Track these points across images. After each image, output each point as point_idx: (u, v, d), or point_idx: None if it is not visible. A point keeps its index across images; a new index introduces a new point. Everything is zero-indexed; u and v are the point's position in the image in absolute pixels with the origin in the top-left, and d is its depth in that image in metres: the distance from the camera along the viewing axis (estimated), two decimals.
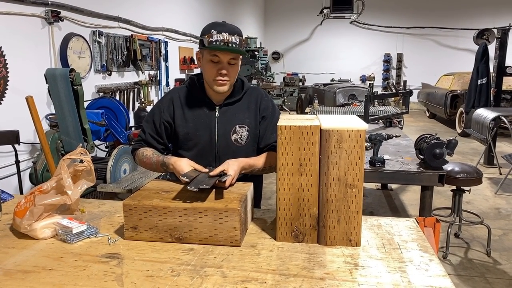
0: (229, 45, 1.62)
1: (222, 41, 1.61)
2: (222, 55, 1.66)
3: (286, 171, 1.35)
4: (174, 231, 1.38)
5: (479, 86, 6.45)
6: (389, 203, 4.80)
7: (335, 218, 1.35)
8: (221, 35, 1.61)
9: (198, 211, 1.36)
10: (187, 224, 1.37)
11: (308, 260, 1.27)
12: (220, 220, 1.35)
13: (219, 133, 1.79)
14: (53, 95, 2.66)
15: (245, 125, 1.80)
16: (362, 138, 1.29)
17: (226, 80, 1.71)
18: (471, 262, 3.32)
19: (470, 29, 12.61)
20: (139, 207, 1.39)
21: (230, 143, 1.79)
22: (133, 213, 1.40)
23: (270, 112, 1.86)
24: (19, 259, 1.29)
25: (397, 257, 1.29)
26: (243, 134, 1.80)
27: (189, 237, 1.38)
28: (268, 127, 1.84)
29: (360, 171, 1.32)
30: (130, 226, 1.41)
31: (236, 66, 1.73)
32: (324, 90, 9.54)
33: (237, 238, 1.35)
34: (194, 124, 1.79)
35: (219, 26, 1.65)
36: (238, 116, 1.80)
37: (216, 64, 1.68)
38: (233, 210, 1.34)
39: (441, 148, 2.95)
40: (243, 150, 1.80)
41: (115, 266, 1.24)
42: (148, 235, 1.40)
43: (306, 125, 1.32)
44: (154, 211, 1.39)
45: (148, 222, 1.39)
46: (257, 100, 1.84)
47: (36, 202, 1.44)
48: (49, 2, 3.63)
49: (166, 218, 1.38)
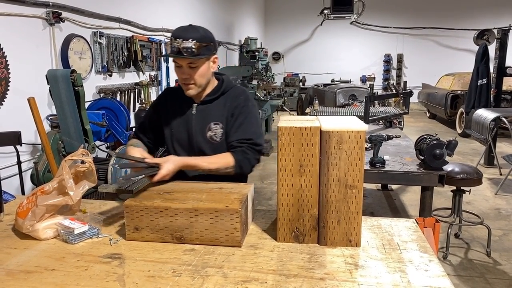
0: (182, 51, 1.66)
1: (177, 47, 1.66)
2: (180, 60, 1.72)
3: (287, 172, 1.36)
4: (175, 231, 1.39)
5: (479, 86, 6.46)
6: (390, 203, 4.80)
7: (335, 219, 1.36)
8: (176, 41, 1.66)
9: (199, 212, 1.37)
10: (188, 225, 1.38)
11: (308, 261, 1.28)
12: (221, 221, 1.36)
13: (195, 130, 1.84)
14: (54, 96, 2.67)
15: (220, 122, 1.83)
16: (362, 139, 1.30)
17: (190, 83, 1.76)
18: (471, 263, 3.33)
19: (470, 29, 12.60)
20: (141, 207, 1.40)
21: (206, 139, 1.84)
22: (135, 213, 1.41)
23: (239, 111, 1.84)
24: (22, 260, 1.30)
25: (397, 257, 1.30)
26: (218, 132, 1.83)
27: (190, 237, 1.39)
28: (233, 125, 1.84)
29: (360, 172, 1.33)
30: (132, 226, 1.42)
31: (197, 69, 1.74)
32: (325, 90, 9.55)
33: (238, 239, 1.36)
34: (175, 122, 1.88)
35: (180, 31, 1.69)
36: (213, 113, 1.84)
37: (179, 69, 1.75)
38: (234, 211, 1.35)
39: (441, 149, 2.96)
40: (219, 147, 1.83)
41: (117, 267, 1.25)
42: (149, 235, 1.41)
43: (306, 126, 1.33)
44: (156, 212, 1.39)
45: (149, 223, 1.40)
46: (234, 100, 1.86)
47: (38, 203, 1.45)
48: (50, 3, 3.64)
49: (167, 218, 1.39)
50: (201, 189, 1.56)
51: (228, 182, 1.65)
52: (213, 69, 1.82)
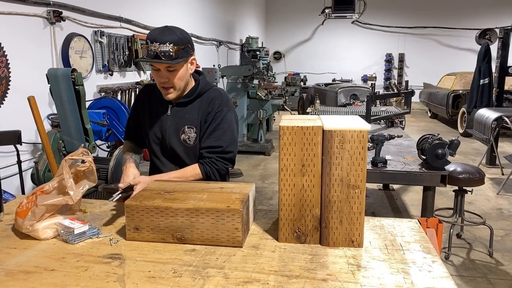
0: (160, 55, 1.61)
1: (154, 51, 1.62)
2: (158, 64, 1.68)
3: (289, 172, 1.35)
4: (176, 231, 1.38)
5: (481, 86, 6.43)
6: (391, 203, 4.79)
7: (338, 219, 1.35)
8: (153, 45, 1.62)
9: (200, 212, 1.36)
10: (189, 225, 1.37)
11: (310, 261, 1.26)
12: (222, 221, 1.35)
13: (169, 132, 1.83)
14: (54, 95, 2.66)
15: (194, 126, 1.82)
16: (364, 139, 1.29)
17: (169, 87, 1.73)
18: (473, 263, 3.31)
19: (472, 29, 12.58)
20: (141, 207, 1.39)
21: (180, 142, 1.83)
22: (135, 213, 1.40)
23: (212, 117, 1.81)
24: (21, 260, 1.29)
25: (400, 258, 1.29)
26: (191, 135, 1.82)
27: (191, 237, 1.38)
28: (205, 132, 1.81)
29: (363, 172, 1.31)
30: (132, 226, 1.41)
31: (176, 72, 1.70)
32: (326, 90, 9.53)
33: (239, 239, 1.35)
34: (150, 120, 1.87)
35: (156, 34, 1.64)
36: (188, 116, 1.82)
37: (157, 72, 1.71)
38: (235, 211, 1.34)
39: (443, 149, 2.94)
40: (192, 151, 1.84)
41: (117, 267, 1.23)
42: (150, 235, 1.40)
43: (309, 126, 1.32)
44: (156, 212, 1.38)
45: (150, 223, 1.39)
46: (209, 104, 1.82)
47: (38, 203, 1.44)
48: (51, 2, 3.63)
49: (168, 218, 1.38)
50: (202, 189, 1.54)
51: (229, 182, 1.64)
52: (191, 71, 1.79)
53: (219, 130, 1.79)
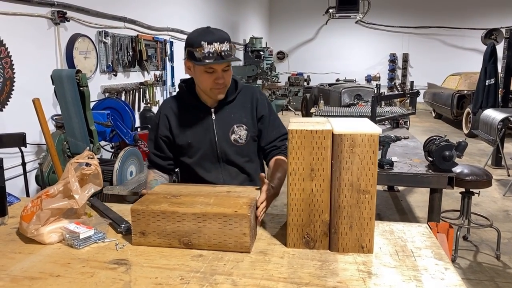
0: (222, 55, 1.60)
1: (215, 52, 1.59)
2: (216, 65, 1.65)
3: (297, 176, 1.33)
4: (182, 236, 1.36)
5: (487, 86, 6.39)
6: (396, 204, 4.75)
7: (347, 225, 1.32)
8: (212, 45, 1.59)
9: (207, 217, 1.34)
10: (196, 230, 1.35)
11: (320, 268, 1.24)
12: (230, 226, 1.33)
13: (219, 135, 1.79)
14: (59, 96, 2.65)
15: (243, 124, 1.80)
16: (375, 143, 1.26)
17: (223, 87, 1.72)
18: (480, 266, 3.28)
19: (477, 28, 12.52)
20: (148, 212, 1.37)
21: (230, 143, 1.79)
22: (141, 218, 1.38)
23: (267, 110, 1.86)
24: (26, 265, 1.27)
25: (411, 265, 1.26)
26: (242, 134, 1.80)
27: (198, 243, 1.36)
28: (267, 125, 1.84)
29: (373, 177, 1.29)
30: (138, 231, 1.39)
31: (230, 71, 1.72)
32: (330, 90, 9.48)
33: (247, 244, 1.33)
34: (193, 131, 1.79)
35: (207, 35, 1.61)
36: (234, 116, 1.80)
37: (211, 74, 1.67)
38: (243, 216, 1.32)
39: (450, 150, 2.91)
40: (244, 149, 1.82)
41: (123, 273, 1.21)
42: (156, 240, 1.38)
43: (318, 129, 1.29)
44: (163, 216, 1.36)
45: (156, 228, 1.37)
46: (252, 99, 1.83)
47: (43, 207, 1.42)
48: (55, 2, 3.62)
49: (174, 223, 1.36)
50: (208, 193, 1.52)
51: (236, 186, 1.62)
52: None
53: (277, 119, 1.85)
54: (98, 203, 1.74)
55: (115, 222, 1.54)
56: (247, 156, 1.83)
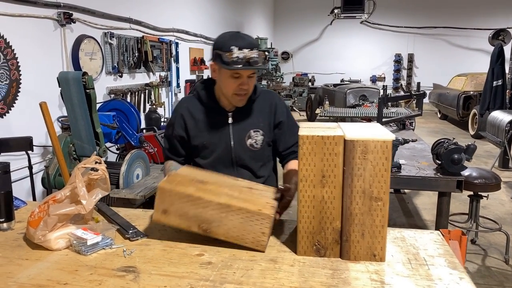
0: (251, 61, 1.61)
1: (244, 58, 1.59)
2: (243, 71, 1.64)
3: (308, 183, 1.30)
4: (203, 222, 1.37)
5: (495, 87, 6.33)
6: (403, 207, 4.72)
7: (359, 232, 1.30)
8: (242, 52, 1.59)
9: (231, 209, 1.34)
10: (218, 219, 1.36)
11: (331, 277, 1.22)
12: (251, 223, 1.34)
13: (234, 139, 1.78)
14: (65, 98, 2.64)
15: (260, 129, 1.80)
16: (388, 149, 1.24)
17: (245, 94, 1.72)
18: (489, 270, 3.24)
19: (483, 29, 12.43)
20: (174, 192, 1.38)
21: (246, 148, 1.79)
22: (167, 196, 1.38)
23: (286, 116, 1.87)
24: (33, 272, 1.25)
25: (425, 274, 1.23)
26: (258, 139, 1.79)
27: (216, 231, 1.36)
28: (286, 130, 1.84)
29: (386, 184, 1.26)
30: (161, 208, 1.39)
31: (254, 78, 1.72)
32: (335, 90, 9.45)
33: (264, 243, 1.35)
34: (209, 133, 1.79)
35: (238, 40, 1.62)
36: (251, 120, 1.80)
37: (237, 79, 1.67)
38: (266, 216, 1.33)
39: (459, 154, 2.88)
40: (259, 154, 1.82)
41: (132, 281, 1.19)
42: (176, 220, 1.39)
43: (329, 135, 1.27)
44: (188, 200, 1.37)
45: (179, 209, 1.38)
46: (271, 104, 1.83)
47: (50, 212, 1.40)
48: (61, 4, 3.61)
49: (198, 208, 1.36)
50: (232, 185, 1.53)
51: (257, 183, 1.64)
52: None
53: (295, 125, 1.85)
54: (105, 207, 1.73)
55: (123, 227, 1.53)
56: (261, 160, 1.83)
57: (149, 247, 1.41)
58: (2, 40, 3.03)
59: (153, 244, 1.44)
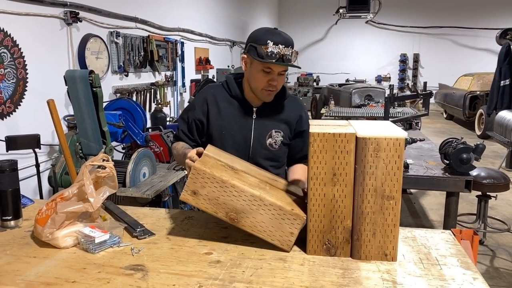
0: (284, 58, 1.60)
1: (278, 53, 1.59)
2: (276, 67, 1.64)
3: (319, 181, 1.28)
4: (231, 211, 1.35)
5: (502, 87, 6.28)
6: (409, 207, 4.68)
7: (370, 231, 1.28)
8: (277, 47, 1.59)
9: (264, 203, 1.33)
10: (248, 210, 1.34)
11: (342, 276, 1.20)
12: (282, 221, 1.32)
13: (254, 136, 1.77)
14: (72, 97, 2.63)
15: (281, 130, 1.79)
16: (401, 147, 1.22)
17: (274, 90, 1.71)
18: (498, 271, 3.20)
19: (489, 28, 12.34)
20: (209, 175, 1.34)
21: (265, 146, 1.78)
22: (200, 178, 1.34)
23: (308, 125, 1.83)
24: (41, 270, 1.24)
25: (437, 274, 1.21)
26: (278, 139, 1.79)
27: (244, 223, 1.35)
28: (306, 139, 1.81)
29: (399, 182, 1.24)
30: (191, 189, 1.35)
31: (284, 76, 1.72)
32: (340, 90, 9.40)
33: (290, 244, 1.34)
34: (229, 124, 1.77)
35: (275, 35, 1.62)
36: (275, 121, 1.79)
37: (267, 74, 1.66)
38: (298, 217, 1.31)
39: (468, 153, 2.85)
40: (275, 154, 1.81)
41: (140, 280, 1.18)
42: (204, 204, 1.36)
43: (341, 133, 1.25)
44: (221, 185, 1.34)
45: (210, 193, 1.35)
46: (296, 112, 1.83)
47: (58, 210, 1.39)
48: (68, 3, 3.61)
49: (230, 196, 1.34)
50: (259, 174, 1.54)
51: (278, 176, 1.65)
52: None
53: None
54: (112, 206, 1.72)
55: (131, 226, 1.52)
56: (275, 160, 1.82)
57: (157, 246, 1.40)
58: (9, 38, 3.03)
59: (161, 242, 1.43)
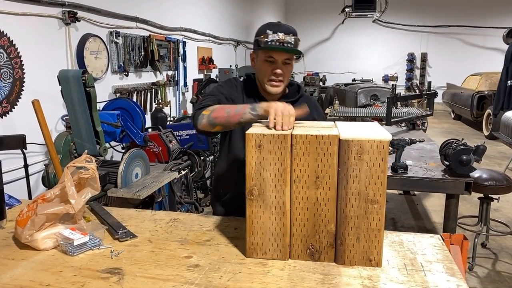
0: (284, 45, 1.60)
1: (278, 41, 1.60)
2: (277, 55, 1.63)
3: (301, 184, 1.25)
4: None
5: (509, 87, 6.15)
6: (412, 209, 4.62)
7: (354, 236, 1.24)
8: (277, 35, 1.60)
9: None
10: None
11: (321, 282, 1.16)
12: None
13: None
14: (65, 97, 2.62)
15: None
16: (385, 150, 1.18)
17: (280, 81, 1.68)
18: (500, 275, 3.14)
19: (499, 27, 12.16)
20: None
21: None
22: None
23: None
24: (17, 273, 1.23)
25: (420, 280, 1.17)
26: None
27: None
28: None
29: (383, 186, 1.20)
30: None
31: (290, 66, 1.70)
32: (345, 90, 9.34)
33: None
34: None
35: (274, 26, 1.64)
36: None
37: (271, 63, 1.66)
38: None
39: (468, 155, 2.78)
40: None
41: (115, 283, 1.16)
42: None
43: (324, 135, 1.21)
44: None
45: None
46: (311, 111, 1.75)
47: (38, 211, 1.37)
48: (66, 2, 3.61)
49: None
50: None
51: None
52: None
53: None
54: (98, 207, 1.70)
55: (113, 228, 1.49)
56: None
57: (137, 248, 1.38)
58: (5, 38, 3.03)
59: (141, 245, 1.40)
